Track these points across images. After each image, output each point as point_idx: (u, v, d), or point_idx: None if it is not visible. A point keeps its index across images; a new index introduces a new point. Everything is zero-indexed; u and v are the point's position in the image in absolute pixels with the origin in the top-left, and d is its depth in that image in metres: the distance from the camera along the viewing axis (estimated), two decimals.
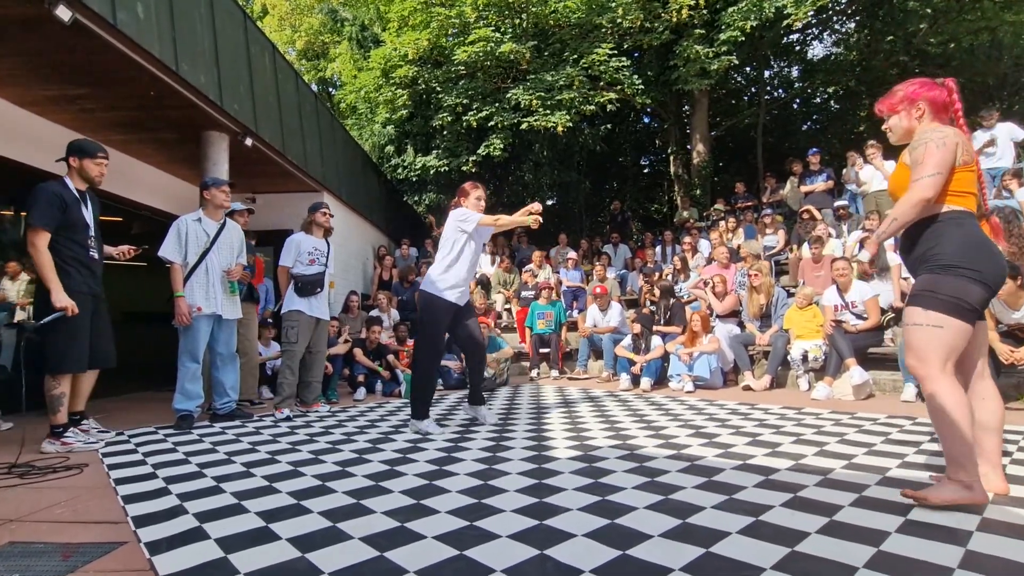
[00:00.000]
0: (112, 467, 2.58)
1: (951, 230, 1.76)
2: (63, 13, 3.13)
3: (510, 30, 10.34)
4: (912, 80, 1.98)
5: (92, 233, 3.13)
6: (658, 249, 8.96)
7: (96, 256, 3.16)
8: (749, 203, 9.94)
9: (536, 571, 1.40)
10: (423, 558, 1.48)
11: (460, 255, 3.39)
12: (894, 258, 5.17)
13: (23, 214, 2.94)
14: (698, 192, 11.57)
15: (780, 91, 15.08)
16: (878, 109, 2.05)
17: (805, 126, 15.27)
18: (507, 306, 8.34)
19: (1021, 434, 2.85)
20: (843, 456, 2.50)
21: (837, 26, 13.01)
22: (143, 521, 1.82)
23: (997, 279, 1.71)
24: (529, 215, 3.27)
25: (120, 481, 2.33)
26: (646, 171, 17.15)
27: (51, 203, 2.91)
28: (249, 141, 5.34)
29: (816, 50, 14.10)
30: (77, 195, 3.06)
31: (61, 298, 2.87)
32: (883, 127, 2.06)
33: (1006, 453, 2.38)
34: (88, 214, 3.12)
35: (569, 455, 2.64)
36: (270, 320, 5.71)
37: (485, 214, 3.44)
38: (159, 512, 1.91)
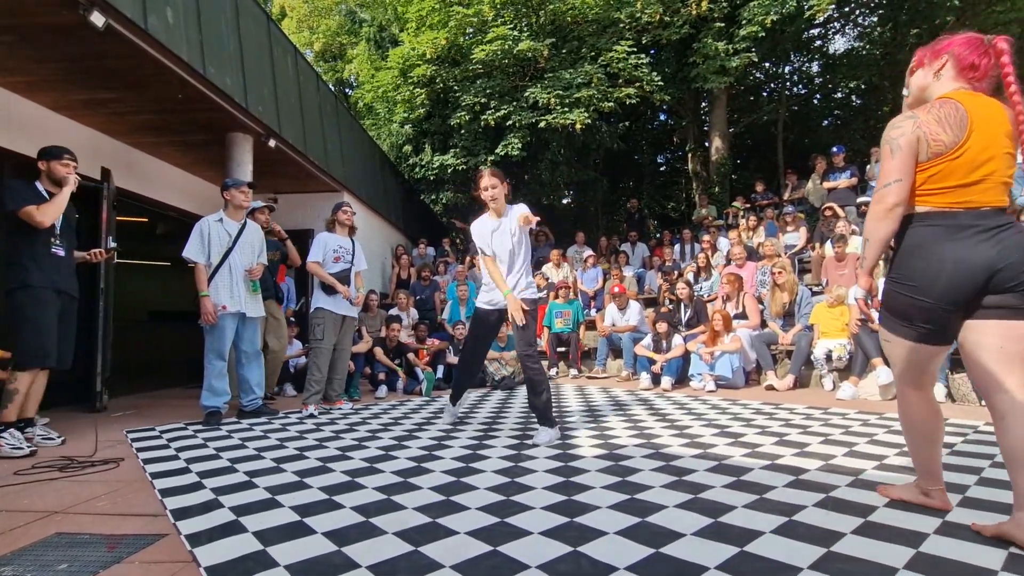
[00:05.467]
0: (147, 461, 2.65)
1: (901, 235, 1.62)
2: (97, 19, 3.21)
3: (527, 28, 10.33)
4: (957, 35, 1.65)
5: (57, 232, 3.14)
6: (676, 247, 8.90)
7: (61, 253, 3.16)
8: (768, 201, 9.82)
9: (570, 568, 1.41)
10: (457, 553, 1.50)
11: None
12: None
13: None
14: (716, 190, 11.46)
15: (800, 87, 14.87)
16: (913, 65, 1.73)
17: (826, 122, 15.04)
18: None
19: None
20: (874, 457, 2.47)
21: (860, 19, 12.78)
22: (181, 514, 1.86)
23: (931, 289, 1.51)
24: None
25: (156, 475, 2.39)
26: (663, 169, 17.04)
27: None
28: (272, 142, 5.42)
29: (837, 44, 13.82)
30: (46, 195, 3.09)
31: None
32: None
33: None
34: None
35: (594, 453, 2.64)
36: (292, 319, 5.79)
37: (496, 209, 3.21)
38: (196, 506, 1.96)
